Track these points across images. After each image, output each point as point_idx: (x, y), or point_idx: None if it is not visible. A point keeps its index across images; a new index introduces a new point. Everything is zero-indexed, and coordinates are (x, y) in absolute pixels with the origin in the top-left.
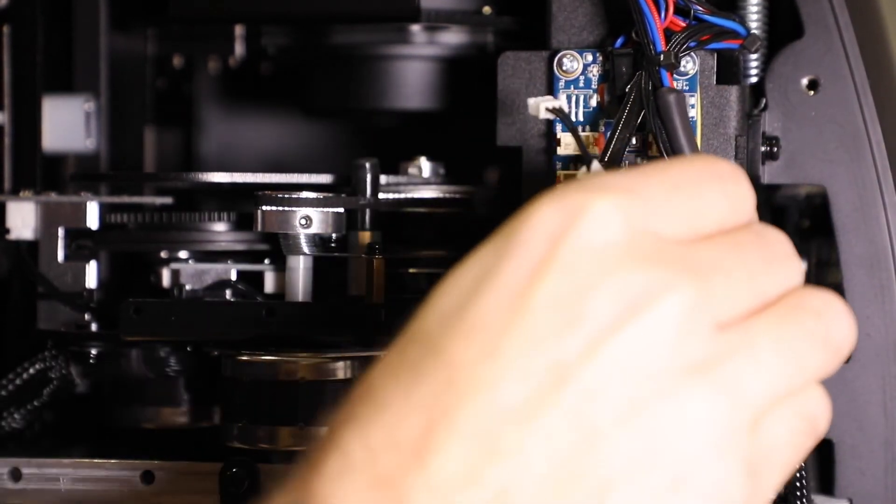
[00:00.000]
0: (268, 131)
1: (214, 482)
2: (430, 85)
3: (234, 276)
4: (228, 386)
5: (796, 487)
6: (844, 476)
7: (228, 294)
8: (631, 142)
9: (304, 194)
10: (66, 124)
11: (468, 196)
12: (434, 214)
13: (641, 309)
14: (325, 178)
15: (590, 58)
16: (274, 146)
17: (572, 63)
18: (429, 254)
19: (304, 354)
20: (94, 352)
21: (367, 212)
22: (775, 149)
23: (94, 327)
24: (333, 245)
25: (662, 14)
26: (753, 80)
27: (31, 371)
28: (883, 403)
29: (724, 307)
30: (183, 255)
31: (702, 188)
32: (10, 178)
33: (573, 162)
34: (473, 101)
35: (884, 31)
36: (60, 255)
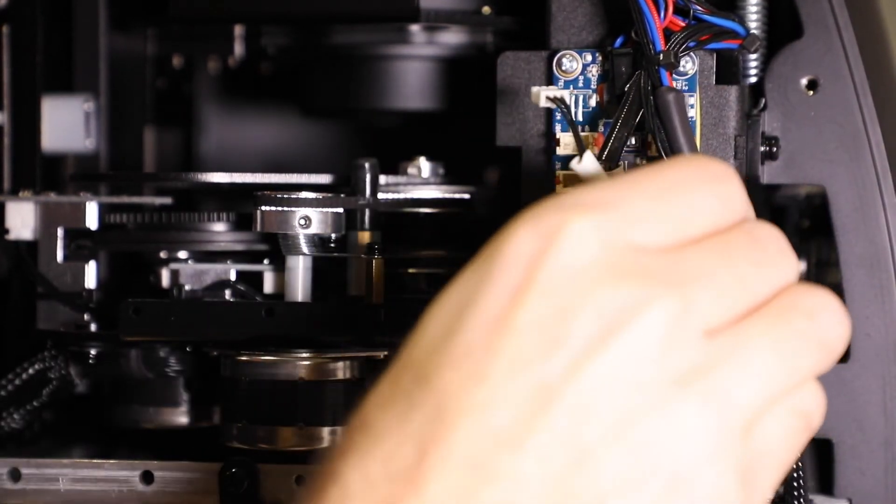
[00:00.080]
0: (267, 131)
1: (214, 482)
2: (429, 85)
3: (233, 277)
4: (228, 386)
5: (794, 487)
6: (844, 476)
7: (228, 294)
8: (629, 141)
9: (304, 194)
10: (66, 124)
11: (468, 196)
12: (434, 214)
13: (622, 325)
14: (325, 179)
15: (589, 58)
16: (274, 146)
17: (572, 63)
18: (428, 254)
19: (304, 354)
20: (93, 352)
21: (367, 212)
22: (775, 149)
23: (93, 327)
24: (333, 245)
25: (662, 14)
26: (753, 80)
27: (30, 371)
28: (883, 403)
29: (712, 313)
30: (182, 255)
31: (690, 192)
32: (10, 179)
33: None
34: (473, 101)
35: (884, 31)
36: (60, 256)
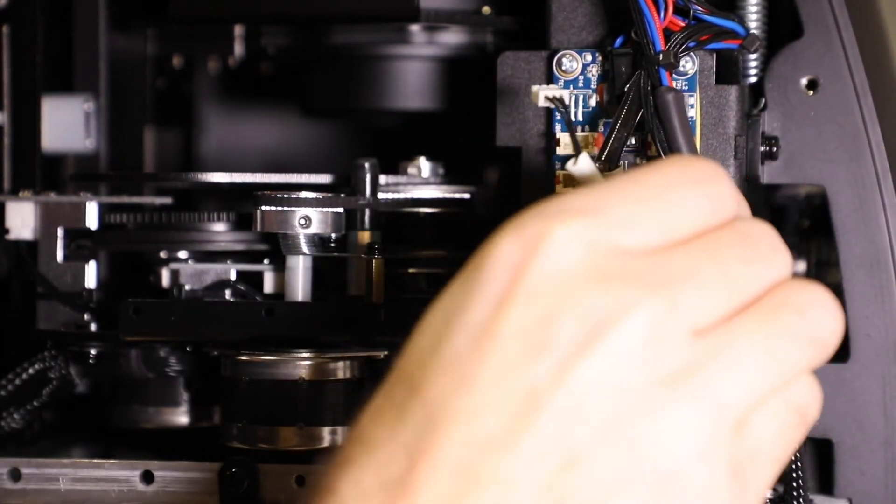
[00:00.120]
0: (267, 131)
1: (214, 482)
2: (429, 85)
3: (233, 276)
4: (228, 386)
5: (793, 487)
6: (844, 476)
7: (228, 294)
8: (629, 141)
9: (304, 194)
10: (66, 124)
11: (468, 196)
12: (434, 214)
13: (606, 328)
14: (325, 178)
15: (589, 58)
16: (274, 146)
17: (571, 63)
18: (428, 254)
19: (304, 354)
20: (93, 352)
21: (367, 212)
22: (775, 149)
23: (93, 327)
24: (333, 245)
25: (662, 14)
26: (753, 79)
27: (30, 371)
28: (883, 403)
29: (699, 313)
30: (182, 255)
31: (677, 193)
32: (10, 178)
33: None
34: (473, 101)
35: (884, 31)
36: (60, 255)
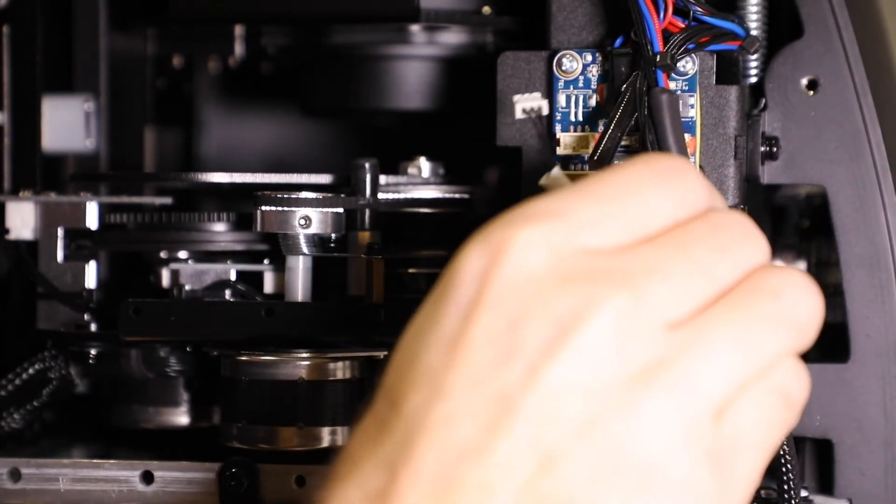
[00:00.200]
0: (268, 131)
1: (214, 482)
2: (429, 85)
3: (233, 277)
4: (228, 386)
5: (783, 482)
6: (844, 476)
7: (228, 294)
8: (622, 142)
9: (304, 194)
10: (66, 124)
11: (468, 196)
12: (434, 214)
13: (573, 328)
14: (325, 179)
15: (589, 58)
16: (274, 146)
17: (572, 63)
18: (428, 254)
19: (304, 354)
20: (93, 352)
21: (367, 212)
22: (775, 149)
23: (93, 327)
24: (333, 245)
25: (661, 15)
26: (753, 79)
27: (30, 371)
28: (883, 403)
29: (669, 305)
30: (182, 255)
31: (643, 191)
32: (10, 178)
33: (573, 162)
34: (473, 101)
35: (884, 31)
36: (60, 255)
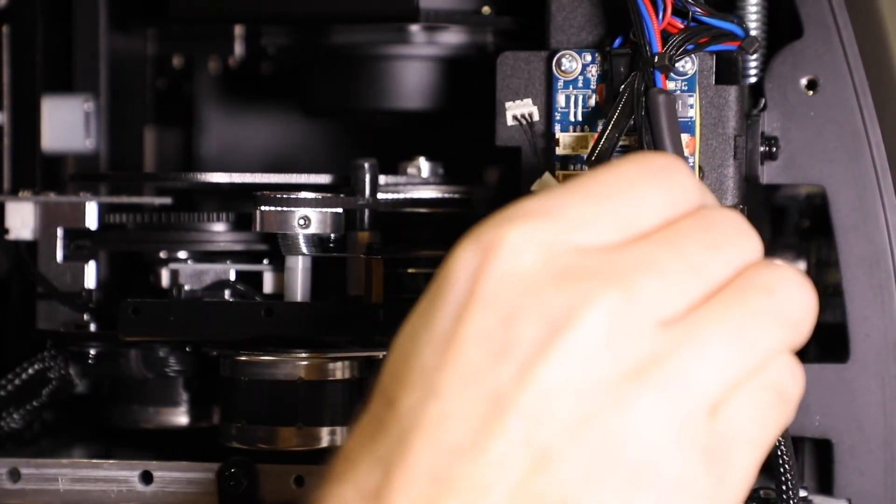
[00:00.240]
0: (268, 131)
1: (213, 482)
2: (429, 85)
3: (232, 277)
4: (227, 386)
5: (782, 481)
6: (843, 476)
7: (227, 294)
8: (620, 142)
9: (303, 194)
10: (66, 124)
11: (467, 196)
12: (433, 214)
13: (565, 326)
14: (325, 179)
15: (588, 58)
16: (274, 146)
17: (571, 63)
18: (428, 254)
19: (303, 354)
20: (93, 352)
21: (366, 212)
22: (774, 149)
23: (93, 327)
24: (332, 245)
25: (660, 15)
26: (752, 80)
27: (30, 371)
28: (882, 403)
29: (662, 302)
30: (182, 255)
31: (634, 188)
32: (10, 178)
33: (572, 162)
34: (473, 101)
35: (883, 31)
36: (59, 256)
